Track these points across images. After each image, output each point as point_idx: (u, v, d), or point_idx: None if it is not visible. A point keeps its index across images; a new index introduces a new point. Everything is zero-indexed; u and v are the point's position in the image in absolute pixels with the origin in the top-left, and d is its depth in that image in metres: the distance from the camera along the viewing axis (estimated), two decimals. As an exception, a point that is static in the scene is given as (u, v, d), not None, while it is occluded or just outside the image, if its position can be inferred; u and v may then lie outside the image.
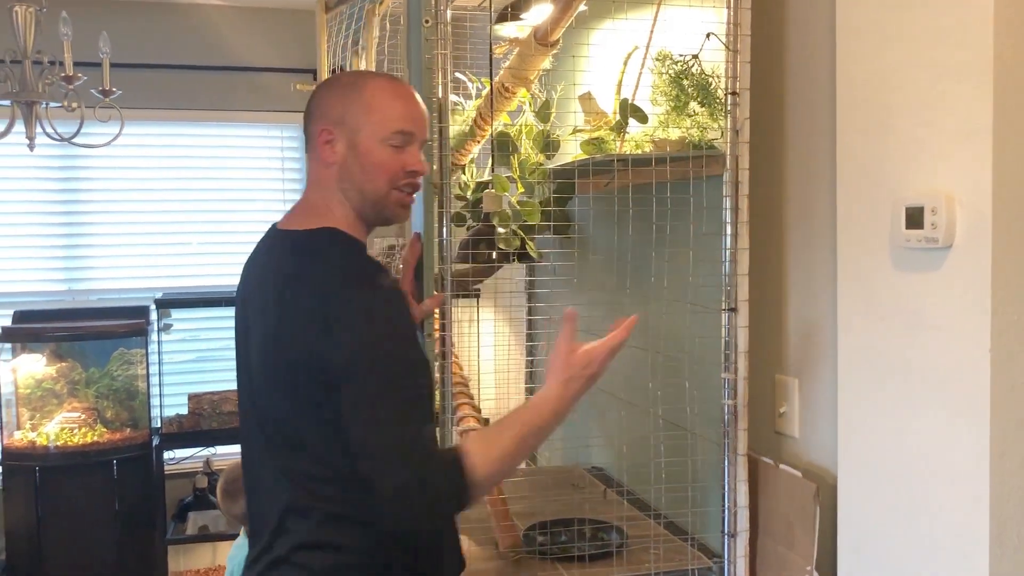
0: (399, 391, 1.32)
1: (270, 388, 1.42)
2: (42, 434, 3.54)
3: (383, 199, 1.47)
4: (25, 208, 3.91)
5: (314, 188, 1.49)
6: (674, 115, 1.74)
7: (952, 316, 1.28)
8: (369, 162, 1.44)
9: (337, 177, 1.46)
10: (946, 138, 1.29)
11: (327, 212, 1.46)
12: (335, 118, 1.45)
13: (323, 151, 1.45)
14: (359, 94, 1.45)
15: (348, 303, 1.34)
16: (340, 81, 1.51)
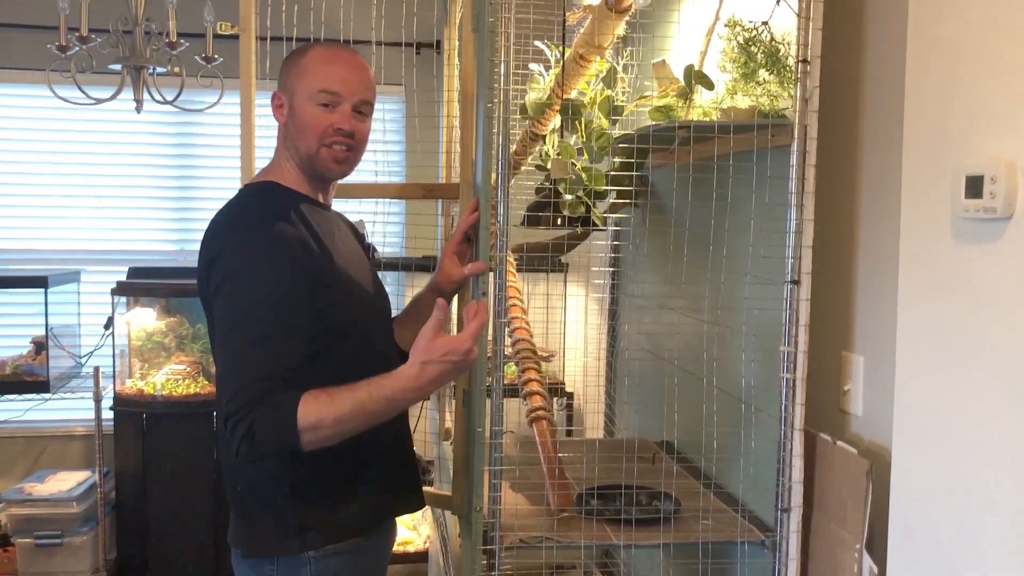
0: (249, 327, 1.44)
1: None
2: (150, 383, 3.77)
3: (315, 155, 1.63)
4: (142, 171, 4.14)
5: (277, 148, 1.69)
6: (743, 83, 1.71)
7: (1011, 291, 1.24)
8: (301, 121, 1.62)
9: (283, 136, 1.66)
10: (1009, 104, 1.23)
11: (277, 168, 1.67)
12: (282, 84, 1.66)
13: (275, 114, 1.66)
14: (297, 61, 1.64)
15: (227, 241, 1.52)
16: (292, 52, 1.69)
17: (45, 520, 3.56)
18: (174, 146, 4.16)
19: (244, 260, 1.48)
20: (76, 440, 4.04)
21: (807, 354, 1.71)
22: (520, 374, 2.09)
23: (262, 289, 1.46)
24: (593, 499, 1.87)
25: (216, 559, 3.71)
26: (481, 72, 1.66)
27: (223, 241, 1.53)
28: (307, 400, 1.41)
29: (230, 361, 1.45)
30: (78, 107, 2.81)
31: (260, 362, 1.42)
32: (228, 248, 1.51)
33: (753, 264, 1.86)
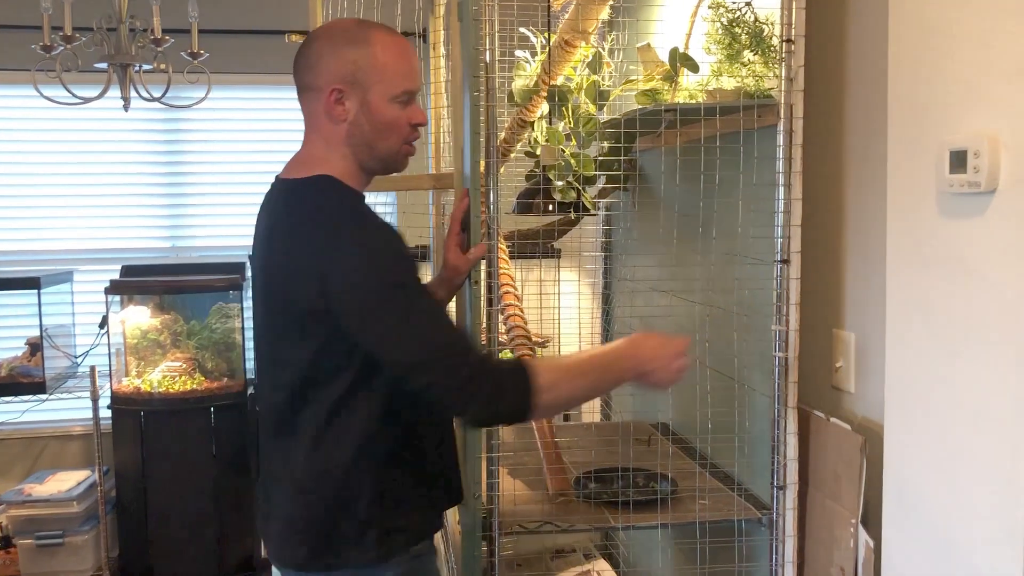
0: (421, 303, 1.39)
1: (271, 335, 1.51)
2: (147, 381, 3.77)
3: (394, 155, 1.52)
4: (132, 169, 4.13)
5: (315, 140, 1.52)
6: (728, 64, 1.72)
7: (994, 263, 1.25)
8: (381, 121, 1.49)
9: (347, 134, 1.49)
10: (993, 79, 1.24)
11: (325, 162, 1.50)
12: (346, 76, 1.46)
13: (333, 109, 1.48)
14: (370, 51, 1.47)
15: (341, 241, 1.39)
16: (347, 35, 1.49)
17: (46, 520, 3.57)
18: (163, 143, 4.16)
19: (365, 272, 1.38)
20: (74, 440, 4.04)
21: (798, 332, 1.72)
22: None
23: (405, 279, 1.40)
24: (591, 483, 1.89)
25: (219, 553, 3.72)
26: (466, 61, 1.67)
27: (333, 241, 1.39)
28: (537, 363, 1.42)
29: (425, 344, 1.38)
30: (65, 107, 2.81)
31: (454, 335, 1.41)
32: (340, 267, 1.38)
33: (743, 244, 1.87)
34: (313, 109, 1.51)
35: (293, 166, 1.56)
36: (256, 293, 1.57)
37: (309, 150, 1.54)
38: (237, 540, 3.77)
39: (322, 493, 1.48)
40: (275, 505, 1.55)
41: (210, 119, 4.10)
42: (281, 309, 1.46)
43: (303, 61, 1.51)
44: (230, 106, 4.14)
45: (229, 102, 4.12)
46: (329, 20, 1.58)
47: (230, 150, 4.19)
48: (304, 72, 1.51)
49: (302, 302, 1.40)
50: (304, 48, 1.52)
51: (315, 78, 1.48)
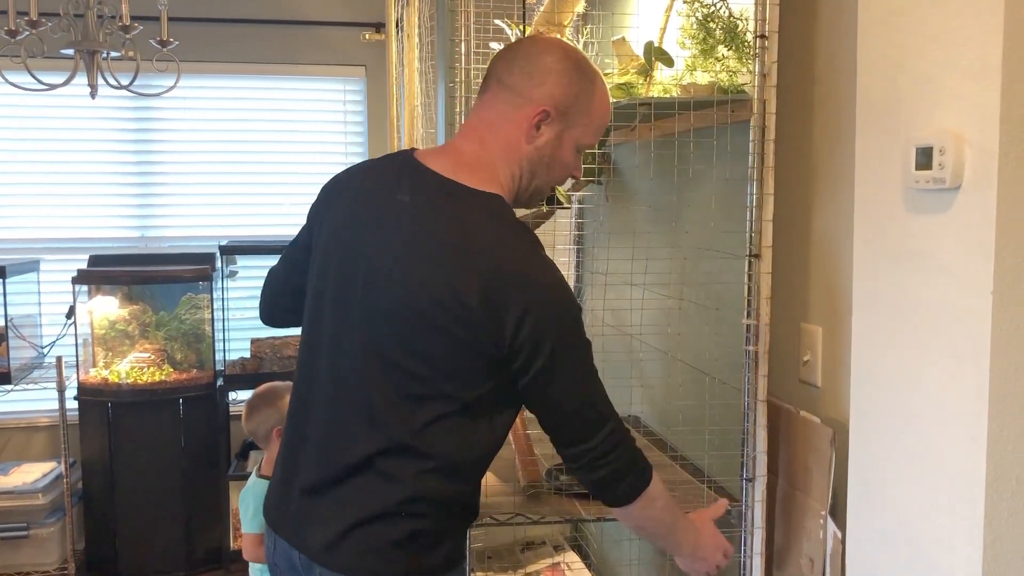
0: (591, 369, 1.43)
1: (423, 332, 1.36)
2: (114, 372, 3.74)
3: (541, 193, 1.49)
4: (101, 158, 4.08)
5: (493, 145, 1.42)
6: (702, 59, 1.73)
7: (958, 259, 1.27)
8: (561, 160, 1.45)
9: (527, 156, 1.42)
10: (957, 76, 1.26)
11: (494, 178, 1.41)
12: (561, 105, 1.40)
13: (530, 127, 1.40)
14: (591, 93, 1.43)
15: (546, 292, 1.35)
16: (580, 67, 1.43)
17: (10, 512, 3.53)
18: (133, 131, 4.11)
19: (572, 318, 1.39)
20: (40, 431, 4.00)
21: (769, 327, 1.74)
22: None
23: (586, 342, 1.42)
24: (562, 474, 1.90)
25: (187, 546, 3.70)
26: (441, 52, 1.66)
27: (538, 295, 1.34)
28: (658, 478, 1.50)
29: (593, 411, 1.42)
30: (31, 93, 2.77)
31: (608, 403, 1.45)
32: (548, 306, 1.34)
33: (715, 239, 1.88)
34: (508, 113, 1.42)
35: (459, 166, 1.42)
36: (374, 279, 1.40)
37: (480, 155, 1.43)
38: (205, 533, 3.74)
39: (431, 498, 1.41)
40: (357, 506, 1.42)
41: (180, 107, 4.07)
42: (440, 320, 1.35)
43: (526, 64, 1.42)
44: (200, 94, 4.10)
45: (199, 90, 4.09)
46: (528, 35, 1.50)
47: (201, 139, 4.15)
48: (521, 75, 1.41)
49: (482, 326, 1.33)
50: (532, 51, 1.44)
51: (532, 88, 1.40)
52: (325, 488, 1.43)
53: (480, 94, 1.46)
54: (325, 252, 1.48)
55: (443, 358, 1.36)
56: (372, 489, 1.40)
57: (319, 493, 1.44)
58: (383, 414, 1.39)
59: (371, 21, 4.17)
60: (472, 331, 1.33)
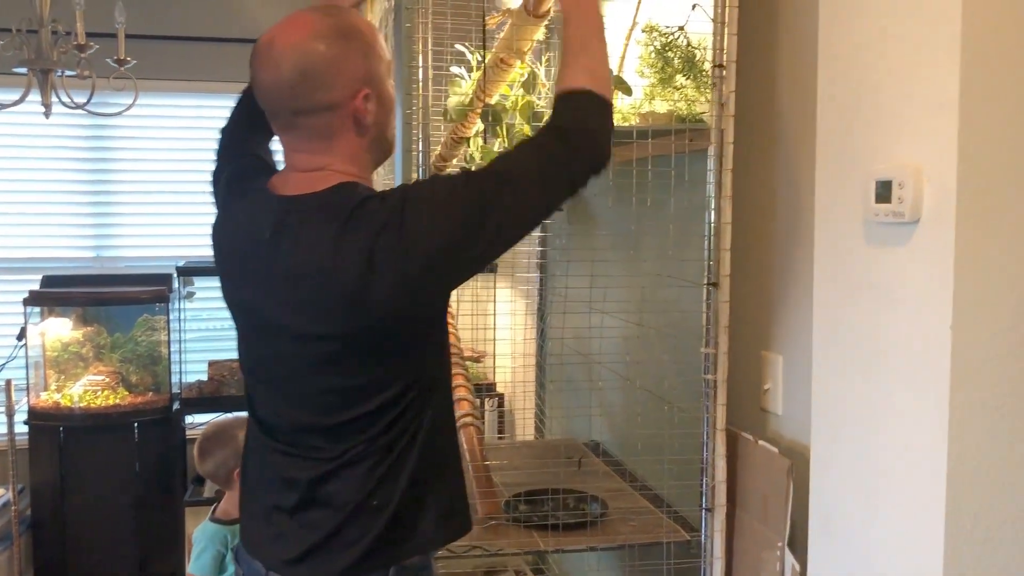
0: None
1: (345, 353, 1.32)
2: (67, 395, 3.64)
3: (393, 136, 1.43)
4: (56, 176, 4.00)
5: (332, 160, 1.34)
6: (660, 88, 1.73)
7: (917, 292, 1.27)
8: (390, 104, 1.38)
9: (372, 137, 1.36)
10: (916, 111, 1.26)
11: (344, 174, 1.33)
12: (365, 74, 1.31)
13: (364, 116, 1.32)
14: (366, 40, 1.33)
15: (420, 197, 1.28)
16: (338, 34, 1.31)
17: (-44, 541, 3.42)
18: (88, 149, 4.03)
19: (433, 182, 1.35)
20: (-12, 457, 3.89)
21: (727, 355, 1.73)
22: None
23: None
24: (521, 505, 1.87)
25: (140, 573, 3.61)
26: (399, 78, 1.64)
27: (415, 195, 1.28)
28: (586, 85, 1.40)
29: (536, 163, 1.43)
30: (-19, 111, 2.70)
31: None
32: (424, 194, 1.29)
33: (674, 266, 1.88)
34: (330, 127, 1.32)
35: (307, 181, 1.33)
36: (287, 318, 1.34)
37: (324, 164, 1.34)
38: (160, 560, 3.65)
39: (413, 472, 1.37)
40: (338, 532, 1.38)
41: (137, 125, 3.99)
42: (347, 327, 1.30)
43: (301, 84, 1.29)
44: (158, 112, 4.04)
45: (157, 108, 4.02)
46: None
47: (158, 158, 4.08)
48: (311, 93, 1.30)
49: (378, 309, 1.26)
50: (289, 69, 1.30)
51: (331, 94, 1.30)
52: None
53: (283, 138, 1.38)
54: (232, 305, 1.46)
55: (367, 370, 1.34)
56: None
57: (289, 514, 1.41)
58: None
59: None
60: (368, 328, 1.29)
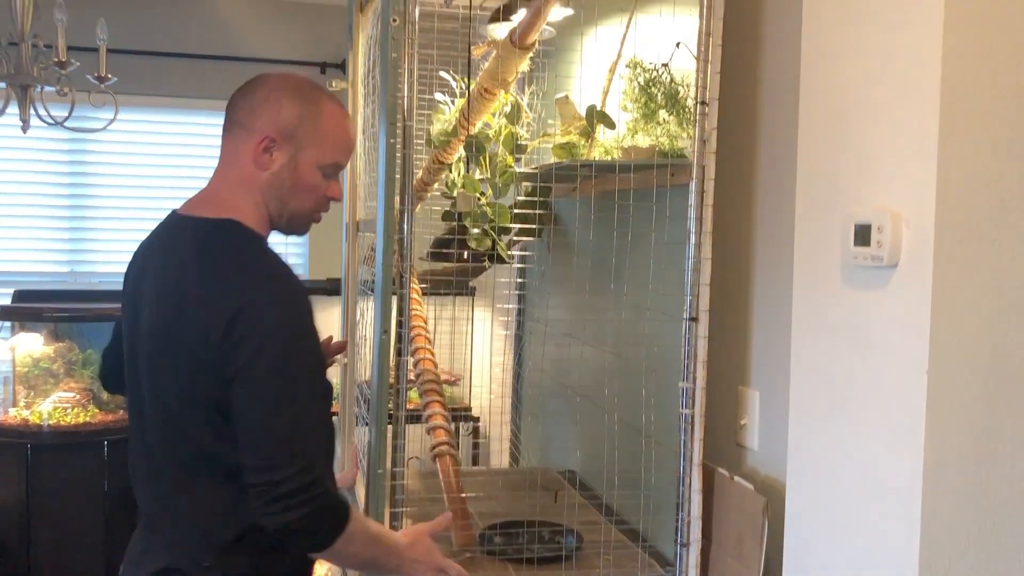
0: (305, 391, 1.35)
1: (164, 379, 1.42)
2: (36, 412, 3.59)
3: (303, 217, 1.52)
4: (30, 190, 3.96)
5: (230, 179, 1.49)
6: (643, 123, 1.74)
7: (894, 335, 1.28)
8: (303, 183, 1.48)
9: (266, 183, 1.47)
10: (896, 156, 1.28)
11: (233, 206, 1.46)
12: (285, 130, 1.45)
13: (259, 156, 1.45)
14: (316, 114, 1.47)
15: (257, 293, 1.35)
16: (298, 90, 1.49)
17: (-84, 560, 3.35)
18: (65, 163, 4.00)
19: (283, 323, 1.36)
20: (-47, 473, 3.81)
21: (705, 390, 1.73)
22: (424, 407, 2.07)
23: (306, 356, 1.38)
24: (496, 537, 1.86)
25: (106, 597, 3.55)
26: (383, 108, 1.64)
27: (248, 296, 1.35)
28: (356, 513, 1.43)
29: (285, 434, 1.34)
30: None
31: (314, 436, 1.37)
32: (258, 306, 1.34)
33: (653, 299, 1.88)
34: (239, 147, 1.47)
35: (198, 205, 1.50)
36: (148, 333, 1.44)
37: (219, 190, 1.50)
38: (127, 581, 3.59)
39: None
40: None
41: (116, 140, 3.96)
42: (189, 359, 1.38)
43: (245, 100, 1.48)
44: (138, 128, 4.01)
45: (137, 124, 4.00)
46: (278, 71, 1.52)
47: (136, 173, 4.05)
48: (243, 110, 1.48)
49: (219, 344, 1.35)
50: (251, 87, 1.49)
51: (253, 119, 1.46)
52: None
53: (222, 136, 1.52)
54: (125, 321, 1.55)
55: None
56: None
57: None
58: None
59: (318, 61, 4.15)
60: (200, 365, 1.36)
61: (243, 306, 1.33)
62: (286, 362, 1.34)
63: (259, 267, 1.41)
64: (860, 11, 1.36)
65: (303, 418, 1.35)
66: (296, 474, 1.32)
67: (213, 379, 1.35)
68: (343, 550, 1.42)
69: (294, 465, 1.32)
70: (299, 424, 1.34)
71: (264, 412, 1.34)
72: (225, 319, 1.32)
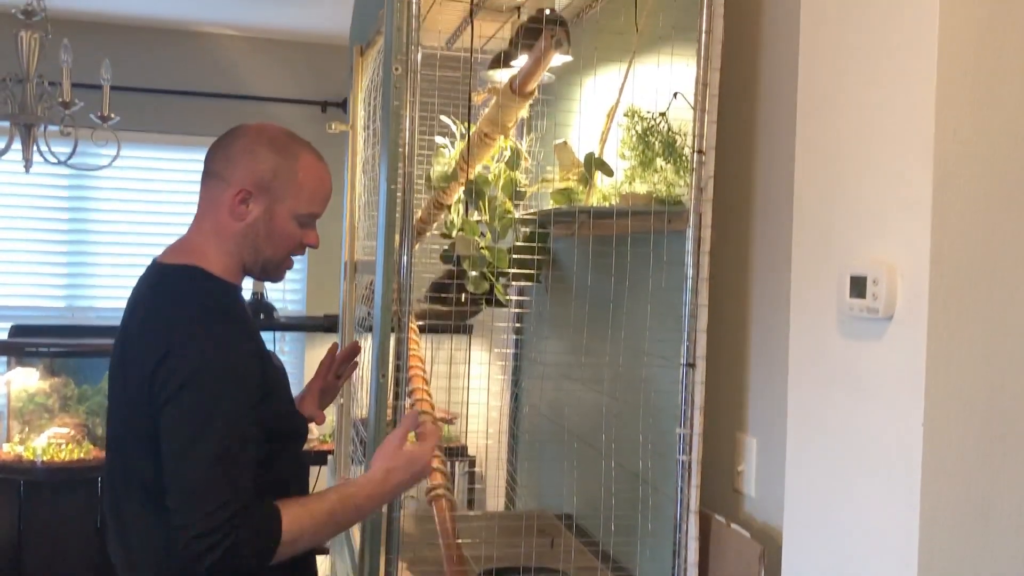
0: (220, 430, 1.35)
1: (118, 416, 1.48)
2: (29, 448, 3.57)
3: (277, 265, 1.55)
4: (29, 225, 3.98)
5: (204, 228, 1.52)
6: (640, 170, 1.76)
7: (890, 388, 1.28)
8: (278, 232, 1.51)
9: (240, 233, 1.50)
10: (891, 209, 1.29)
11: (200, 253, 1.50)
12: (261, 182, 1.48)
13: (236, 207, 1.49)
14: (292, 165, 1.50)
15: (187, 334, 1.38)
16: (274, 142, 1.52)
17: (-94, 597, 3.31)
18: (65, 198, 4.02)
19: (206, 365, 1.37)
20: (-55, 509, 3.78)
21: (702, 436, 1.73)
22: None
23: (226, 399, 1.38)
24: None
25: (96, 636, 3.51)
26: (385, 154, 1.66)
27: (178, 336, 1.39)
28: (286, 514, 1.39)
29: (196, 476, 1.34)
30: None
31: (231, 476, 1.35)
32: (186, 347, 1.38)
33: (651, 344, 1.89)
34: (214, 197, 1.51)
35: (173, 252, 1.55)
36: (117, 374, 1.52)
37: (192, 238, 1.54)
38: (118, 621, 3.55)
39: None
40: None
41: (115, 176, 3.99)
42: (133, 394, 1.43)
43: (222, 151, 1.52)
44: (138, 164, 4.04)
45: (137, 160, 4.03)
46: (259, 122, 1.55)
47: (135, 209, 4.08)
48: (220, 160, 1.51)
49: (149, 384, 1.38)
50: (228, 138, 1.53)
51: (230, 171, 1.49)
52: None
53: (200, 185, 1.55)
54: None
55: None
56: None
57: None
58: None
59: (319, 100, 4.19)
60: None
61: (170, 347, 1.36)
62: (198, 407, 1.36)
63: (196, 309, 1.43)
64: (854, 64, 1.38)
65: (216, 464, 1.34)
66: (204, 517, 1.32)
67: (148, 418, 1.38)
68: (298, 545, 1.41)
69: (202, 509, 1.32)
70: (211, 469, 1.34)
71: (175, 456, 1.36)
72: (154, 360, 1.36)
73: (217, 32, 4.11)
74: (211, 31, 4.10)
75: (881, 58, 1.32)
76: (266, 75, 4.20)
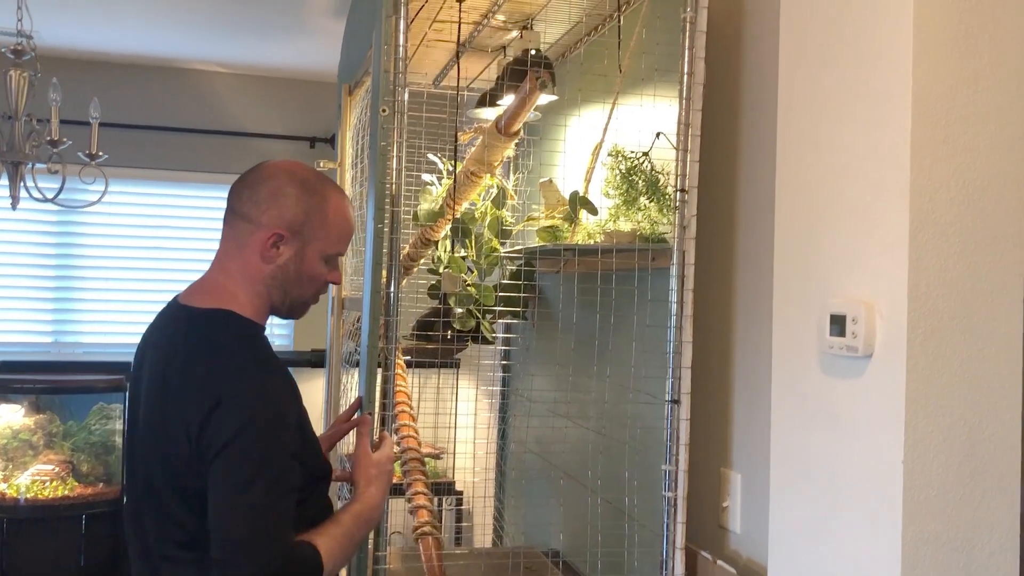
0: (270, 479, 1.35)
1: (154, 467, 1.43)
2: (12, 486, 3.54)
3: (304, 303, 1.55)
4: (14, 260, 3.97)
5: (231, 270, 1.50)
6: (625, 208, 1.78)
7: (870, 425, 1.30)
8: (307, 273, 1.51)
9: (270, 275, 1.49)
10: (869, 249, 1.32)
11: (231, 296, 1.48)
12: (293, 224, 1.47)
13: (267, 251, 1.47)
14: (323, 207, 1.49)
15: (236, 384, 1.38)
16: (305, 184, 1.50)
17: None
18: (52, 234, 4.01)
19: (257, 415, 1.36)
20: (-74, 547, 3.74)
21: (687, 473, 1.74)
22: (407, 486, 2.06)
23: (275, 448, 1.38)
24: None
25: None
26: (372, 194, 1.68)
27: (228, 387, 1.38)
28: (320, 547, 1.41)
29: (244, 526, 1.34)
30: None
31: (278, 525, 1.36)
32: (236, 397, 1.37)
33: (636, 380, 1.90)
34: (242, 239, 1.49)
35: (195, 293, 1.52)
36: (143, 422, 1.48)
37: (218, 279, 1.51)
38: (101, 662, 3.51)
39: None
40: None
41: (103, 212, 3.99)
42: (176, 446, 1.40)
43: (251, 192, 1.48)
44: (126, 199, 4.05)
45: (124, 196, 4.03)
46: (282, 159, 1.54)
47: (124, 244, 4.08)
48: (248, 202, 1.48)
49: (196, 429, 1.37)
50: (255, 178, 1.50)
51: (260, 213, 1.47)
52: None
53: (223, 224, 1.53)
54: (128, 405, 1.59)
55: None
56: None
57: None
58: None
59: (307, 135, 4.22)
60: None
61: (220, 398, 1.35)
62: (249, 457, 1.35)
63: (241, 359, 1.42)
64: (832, 106, 1.41)
65: (265, 513, 1.35)
66: (253, 569, 1.32)
67: (193, 469, 1.36)
68: (331, 573, 1.44)
69: (252, 560, 1.32)
70: (259, 520, 1.34)
71: (223, 506, 1.35)
72: (204, 411, 1.35)
73: (206, 69, 4.15)
74: (200, 68, 4.13)
75: (858, 101, 1.35)
76: (255, 111, 4.23)
